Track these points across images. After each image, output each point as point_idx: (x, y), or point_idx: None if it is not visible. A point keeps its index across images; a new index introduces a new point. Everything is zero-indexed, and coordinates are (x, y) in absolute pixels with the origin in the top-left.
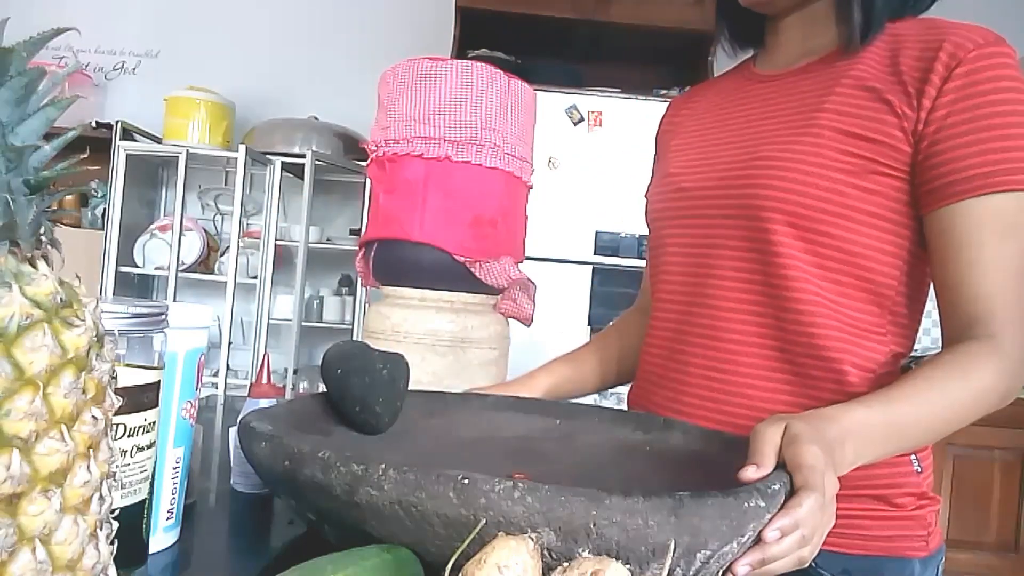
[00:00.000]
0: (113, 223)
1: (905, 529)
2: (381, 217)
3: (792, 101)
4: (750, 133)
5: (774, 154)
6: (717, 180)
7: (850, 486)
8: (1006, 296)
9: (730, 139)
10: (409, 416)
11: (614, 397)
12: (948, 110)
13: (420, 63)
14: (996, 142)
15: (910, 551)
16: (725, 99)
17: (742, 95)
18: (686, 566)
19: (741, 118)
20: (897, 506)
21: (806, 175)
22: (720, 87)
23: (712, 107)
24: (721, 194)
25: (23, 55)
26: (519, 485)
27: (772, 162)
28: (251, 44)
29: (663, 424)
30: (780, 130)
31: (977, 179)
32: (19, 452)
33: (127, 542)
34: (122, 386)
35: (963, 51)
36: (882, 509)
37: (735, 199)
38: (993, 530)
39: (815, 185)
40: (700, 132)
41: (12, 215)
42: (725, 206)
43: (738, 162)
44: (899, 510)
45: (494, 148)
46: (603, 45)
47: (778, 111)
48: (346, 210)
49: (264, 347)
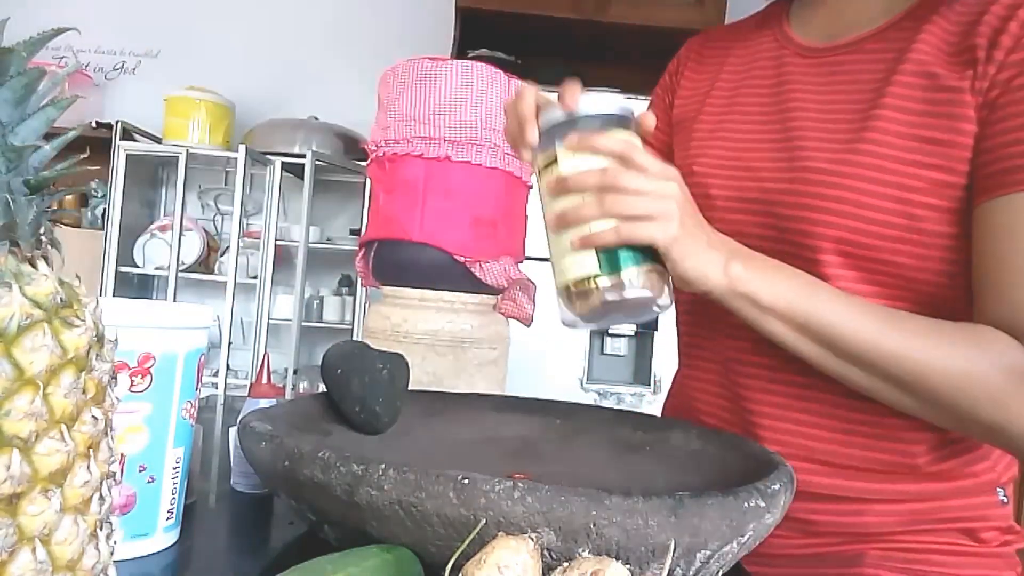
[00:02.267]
0: (113, 223)
1: (990, 568)
2: (381, 217)
3: (843, 91)
4: (793, 132)
5: (824, 166)
6: (755, 194)
7: (928, 519)
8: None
9: (767, 136)
10: (409, 416)
11: (614, 397)
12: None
13: (420, 63)
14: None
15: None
16: (758, 73)
17: (779, 73)
18: (686, 566)
19: (780, 106)
20: (981, 541)
21: (864, 194)
22: (748, 48)
23: (741, 81)
24: (758, 209)
25: (23, 55)
26: (519, 485)
27: (823, 176)
28: (251, 44)
29: (663, 424)
30: (831, 133)
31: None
32: (19, 452)
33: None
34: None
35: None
36: (965, 544)
37: (775, 219)
38: None
39: (875, 207)
40: (728, 116)
41: (12, 215)
42: (762, 225)
43: (779, 172)
44: (983, 545)
45: (494, 148)
46: (603, 45)
47: (827, 104)
48: (346, 210)
49: (264, 347)
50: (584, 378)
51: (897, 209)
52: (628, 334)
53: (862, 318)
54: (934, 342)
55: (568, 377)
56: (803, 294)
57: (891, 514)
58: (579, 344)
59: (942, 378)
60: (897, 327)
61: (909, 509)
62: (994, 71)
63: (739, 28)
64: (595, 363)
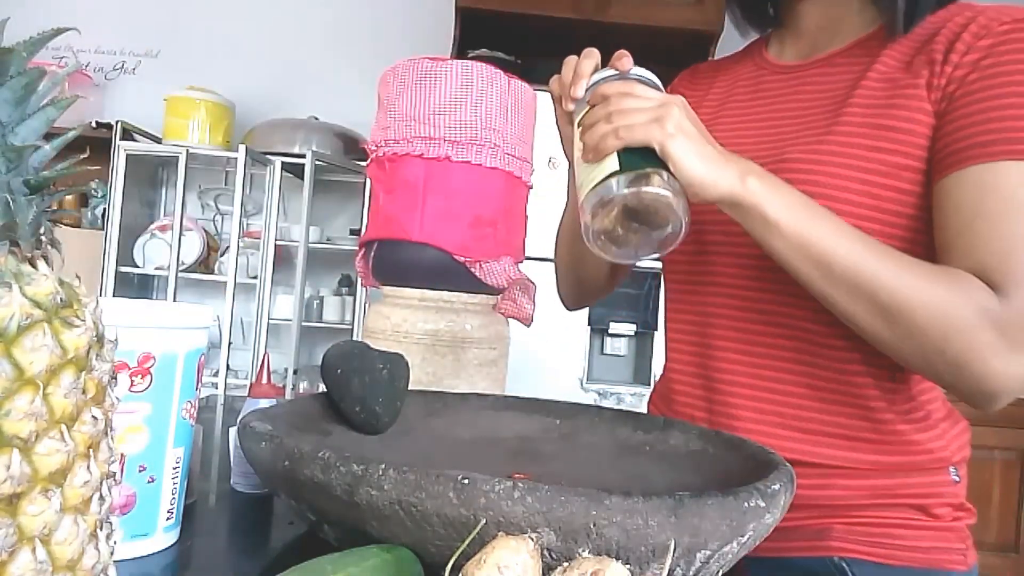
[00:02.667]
0: (113, 223)
1: (943, 541)
2: (381, 217)
3: (817, 97)
4: (774, 134)
5: (800, 156)
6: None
7: (887, 495)
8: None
9: (752, 139)
10: (409, 416)
11: (614, 397)
12: (963, 80)
13: (420, 63)
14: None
15: (950, 564)
16: (740, 91)
17: (759, 88)
18: (686, 566)
19: (761, 116)
20: (935, 516)
21: (834, 177)
22: (730, 74)
23: (725, 99)
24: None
25: (23, 55)
26: (519, 485)
27: (799, 164)
28: (251, 44)
29: (663, 424)
30: (805, 130)
31: (978, 147)
32: (19, 452)
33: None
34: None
35: (995, 24)
36: (920, 519)
37: None
38: (993, 530)
39: (844, 188)
40: (714, 129)
41: (12, 215)
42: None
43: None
44: (938, 520)
45: (494, 148)
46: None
47: (802, 108)
48: (346, 210)
49: (264, 347)
50: (584, 378)
51: (862, 190)
52: (628, 334)
53: (857, 244)
54: (919, 275)
55: (568, 377)
56: (807, 215)
57: (854, 488)
58: (579, 344)
59: (921, 308)
60: (887, 257)
61: (871, 484)
62: (951, 70)
63: (721, 62)
64: (595, 363)
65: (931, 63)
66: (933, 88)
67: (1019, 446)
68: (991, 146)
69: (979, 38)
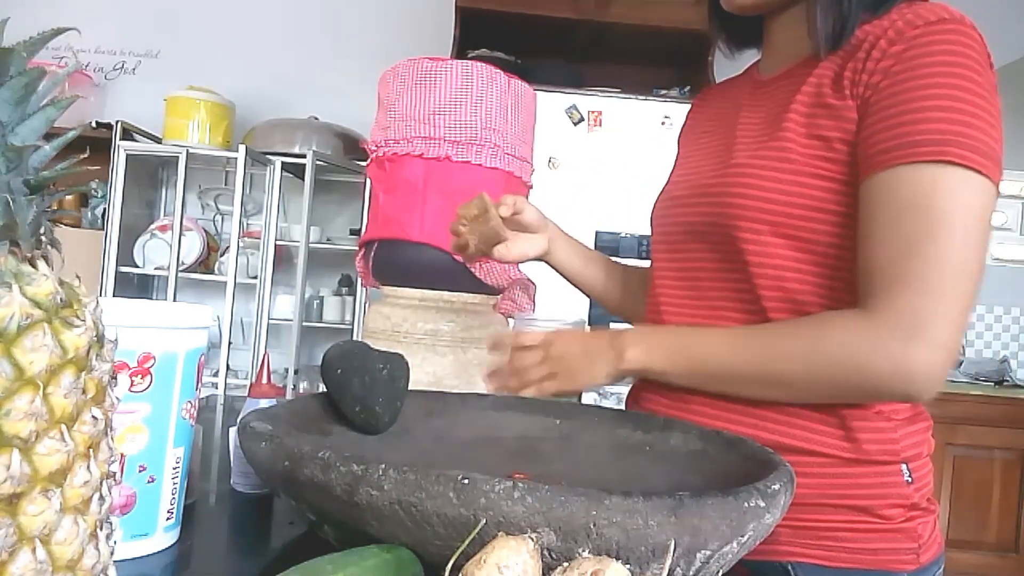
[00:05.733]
0: (113, 223)
1: (892, 542)
2: (381, 217)
3: (769, 107)
4: (730, 141)
5: (745, 160)
6: (700, 188)
7: (832, 496)
8: (894, 268)
9: (715, 146)
10: (409, 416)
11: (614, 397)
12: (876, 86)
13: (420, 63)
14: (909, 114)
15: (897, 564)
16: (726, 104)
17: (738, 101)
18: (686, 566)
19: (728, 126)
20: (884, 518)
21: (774, 181)
22: (726, 91)
23: (713, 113)
24: (701, 200)
25: (23, 55)
26: (519, 485)
27: (743, 168)
28: (251, 44)
29: (663, 424)
30: (753, 137)
31: (883, 153)
32: (19, 452)
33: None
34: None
35: (909, 28)
36: (866, 521)
37: (712, 205)
38: (993, 530)
39: (782, 190)
40: (699, 139)
41: (12, 215)
42: (703, 213)
43: (716, 169)
44: (887, 522)
45: (494, 148)
46: (603, 45)
47: (756, 118)
48: (346, 210)
49: (264, 347)
50: None
51: (798, 191)
52: None
53: (737, 350)
54: (790, 342)
55: None
56: (685, 352)
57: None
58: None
59: (799, 365)
60: (767, 343)
61: (817, 483)
62: (867, 77)
63: (725, 83)
64: None
65: (854, 71)
66: (855, 96)
67: (1019, 446)
68: (892, 151)
69: (892, 43)
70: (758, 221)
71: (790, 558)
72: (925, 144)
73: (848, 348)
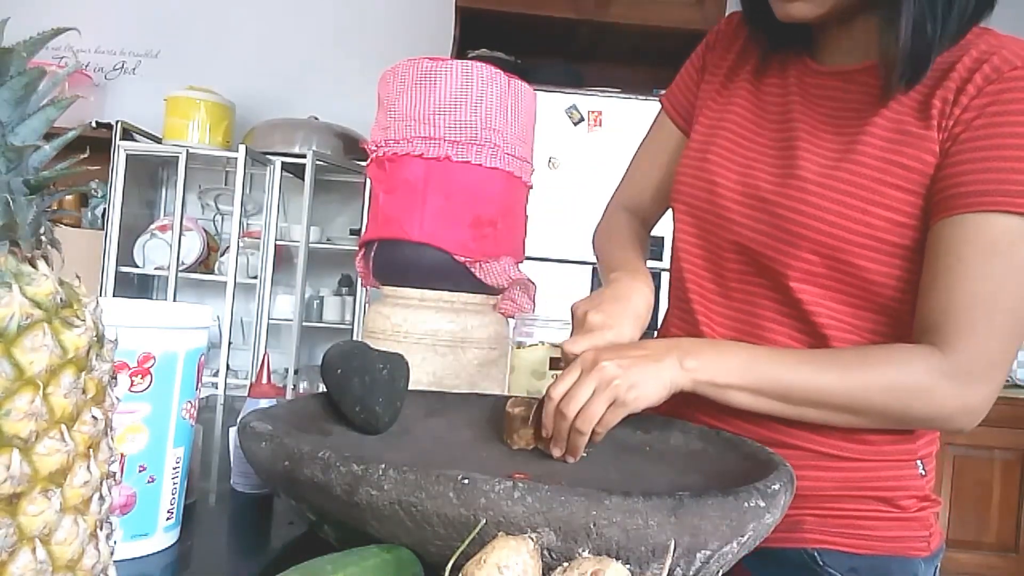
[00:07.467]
0: (113, 223)
1: (908, 530)
2: (381, 217)
3: (829, 109)
4: (788, 143)
5: (813, 178)
6: (753, 190)
7: (856, 488)
8: (973, 312)
9: (771, 144)
10: (409, 416)
11: None
12: (968, 123)
13: (420, 63)
14: (1005, 161)
15: (913, 551)
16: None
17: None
18: (686, 566)
19: (782, 115)
20: (901, 508)
21: (839, 206)
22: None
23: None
24: (755, 205)
25: (23, 55)
26: (519, 485)
27: (811, 186)
28: (251, 44)
29: (663, 424)
30: (821, 149)
31: (973, 196)
32: (19, 452)
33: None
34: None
35: (1007, 67)
36: (887, 511)
37: (769, 216)
38: (993, 530)
39: (844, 215)
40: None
41: (12, 215)
42: (757, 220)
43: (775, 175)
44: (903, 512)
45: (494, 148)
46: (603, 45)
47: (822, 122)
48: (346, 210)
49: (264, 347)
50: None
51: (861, 218)
52: None
53: (803, 369)
54: (864, 369)
55: None
56: (749, 363)
57: (825, 479)
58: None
59: (878, 395)
60: (833, 365)
61: (841, 476)
62: (959, 112)
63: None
64: None
65: (943, 101)
66: (941, 128)
67: (1019, 446)
68: (982, 196)
69: (990, 81)
70: (809, 240)
71: (816, 544)
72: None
73: (927, 385)
